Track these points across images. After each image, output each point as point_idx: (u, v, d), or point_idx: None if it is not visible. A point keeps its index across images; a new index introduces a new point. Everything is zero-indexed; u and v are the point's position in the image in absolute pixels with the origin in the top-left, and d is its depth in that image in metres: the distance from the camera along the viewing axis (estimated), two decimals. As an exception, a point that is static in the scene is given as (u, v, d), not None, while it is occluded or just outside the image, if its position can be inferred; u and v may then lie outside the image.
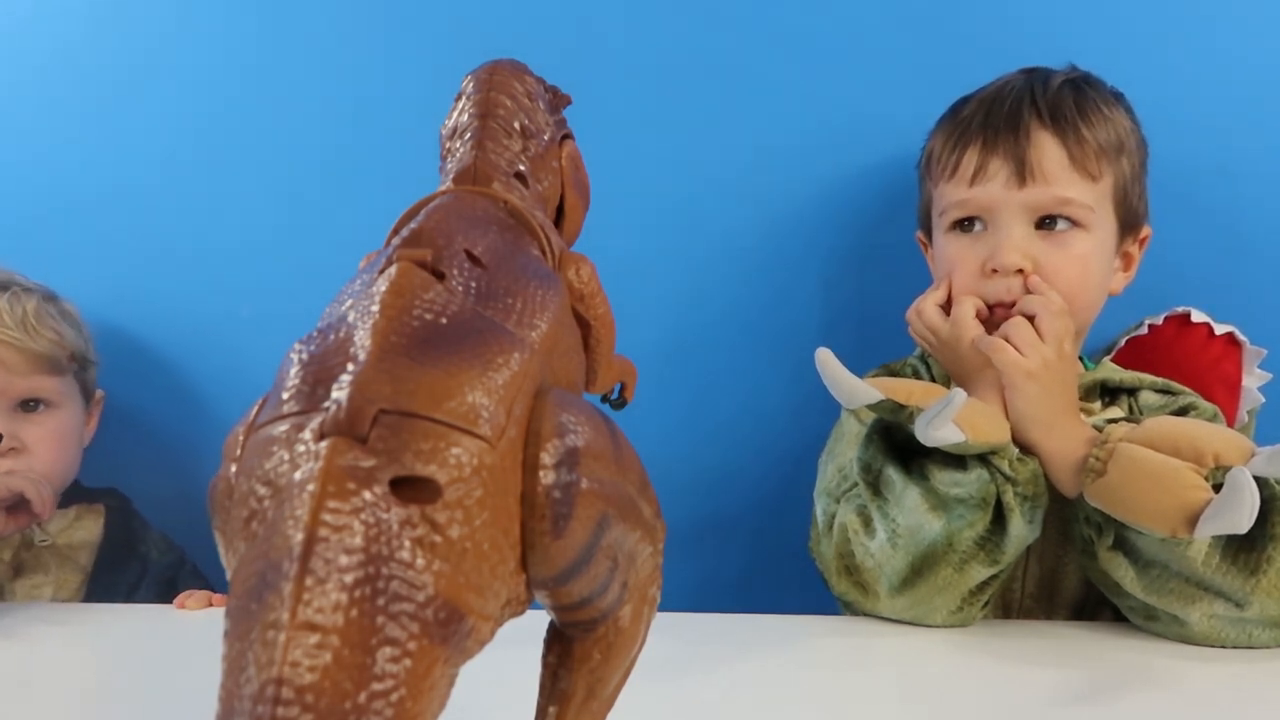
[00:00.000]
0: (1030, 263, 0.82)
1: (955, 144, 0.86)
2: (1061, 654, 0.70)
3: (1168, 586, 0.71)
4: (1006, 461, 0.74)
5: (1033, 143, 0.83)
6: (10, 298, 0.98)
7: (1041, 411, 0.77)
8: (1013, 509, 0.73)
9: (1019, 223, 0.83)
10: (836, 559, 0.81)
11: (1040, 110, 0.84)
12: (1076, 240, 0.83)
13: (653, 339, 1.05)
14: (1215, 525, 0.61)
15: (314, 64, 1.10)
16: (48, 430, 0.98)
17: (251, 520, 0.25)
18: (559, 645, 0.32)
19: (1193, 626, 0.71)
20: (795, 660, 0.70)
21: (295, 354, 0.28)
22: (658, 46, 1.06)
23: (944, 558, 0.74)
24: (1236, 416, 0.91)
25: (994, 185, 0.84)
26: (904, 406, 0.73)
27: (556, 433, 0.28)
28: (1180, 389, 0.85)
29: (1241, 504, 0.59)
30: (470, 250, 0.33)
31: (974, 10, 1.02)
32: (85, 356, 1.03)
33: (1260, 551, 0.68)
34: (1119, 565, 0.73)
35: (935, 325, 0.85)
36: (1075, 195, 0.82)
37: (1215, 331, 0.93)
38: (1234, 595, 0.69)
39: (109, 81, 1.12)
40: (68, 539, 1.01)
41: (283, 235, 1.10)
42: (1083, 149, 0.83)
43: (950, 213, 0.87)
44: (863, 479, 0.79)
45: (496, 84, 0.45)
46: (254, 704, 0.21)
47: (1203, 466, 0.66)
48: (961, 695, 0.62)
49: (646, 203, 1.06)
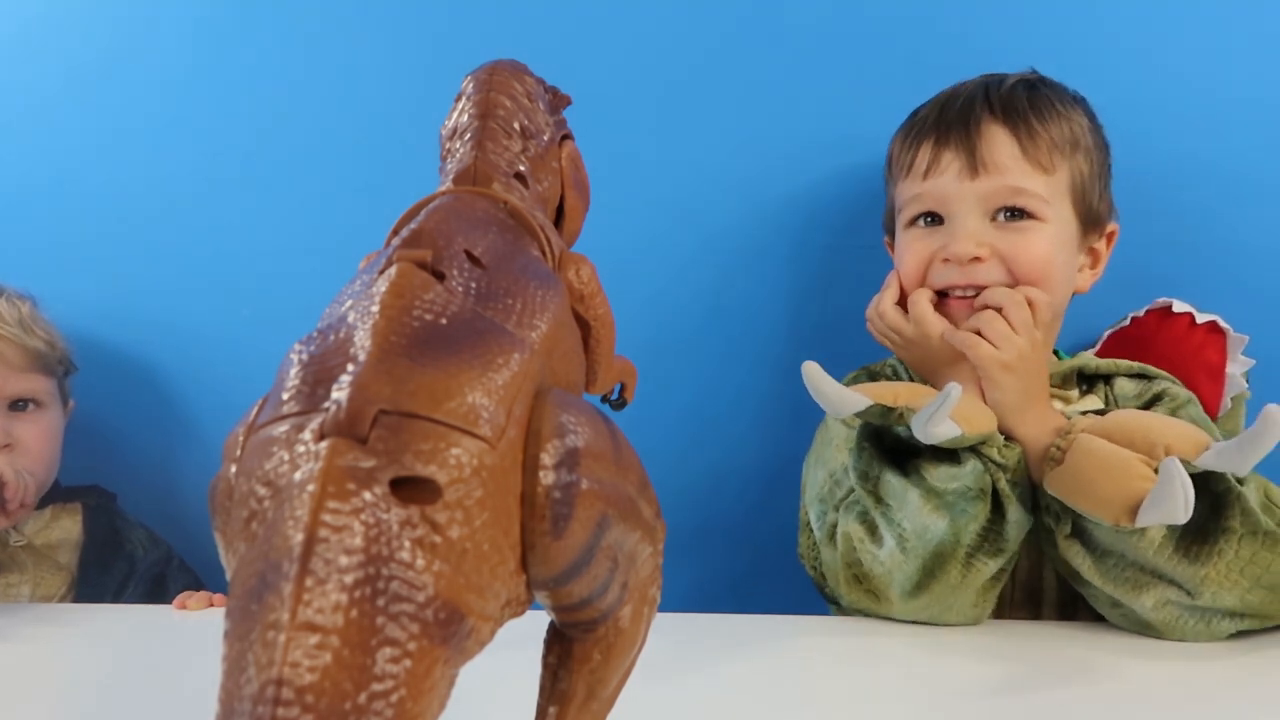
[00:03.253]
0: (987, 250, 0.82)
1: (911, 142, 0.87)
2: (1059, 654, 0.70)
3: (1123, 575, 0.72)
4: (995, 449, 0.74)
5: (984, 135, 0.83)
6: (6, 300, 0.99)
7: (1015, 401, 0.77)
8: (1008, 495, 0.74)
9: (974, 214, 0.83)
10: (844, 569, 0.80)
11: (993, 105, 0.84)
12: (1033, 230, 0.82)
13: (645, 339, 1.05)
14: (1153, 515, 0.63)
15: (314, 64, 1.10)
16: (39, 428, 0.99)
17: (251, 521, 0.25)
18: (559, 646, 0.32)
19: (1149, 613, 0.71)
20: (793, 660, 0.70)
21: (295, 354, 0.28)
22: (658, 47, 1.06)
23: (952, 556, 0.74)
24: (1221, 403, 0.91)
25: (947, 178, 0.84)
26: (893, 409, 0.74)
27: (556, 433, 0.28)
28: (1155, 373, 0.86)
29: (1174, 494, 0.60)
30: (470, 251, 0.33)
31: (960, 17, 1.02)
32: (70, 361, 1.06)
33: (1211, 544, 0.69)
34: (1077, 554, 0.74)
35: (897, 324, 0.85)
36: (1028, 185, 0.82)
37: (1197, 320, 0.93)
38: (1185, 584, 0.70)
39: (110, 83, 1.12)
40: (45, 539, 1.01)
41: (282, 235, 1.10)
42: (1035, 141, 0.82)
43: (907, 209, 0.88)
44: (862, 488, 0.79)
45: (496, 84, 0.45)
46: (254, 704, 0.21)
47: (1154, 459, 0.67)
48: (960, 695, 0.62)
49: (645, 203, 1.06)
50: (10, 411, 0.98)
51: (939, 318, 0.83)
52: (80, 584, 1.01)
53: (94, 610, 0.89)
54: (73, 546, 1.02)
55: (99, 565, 1.02)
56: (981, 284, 0.83)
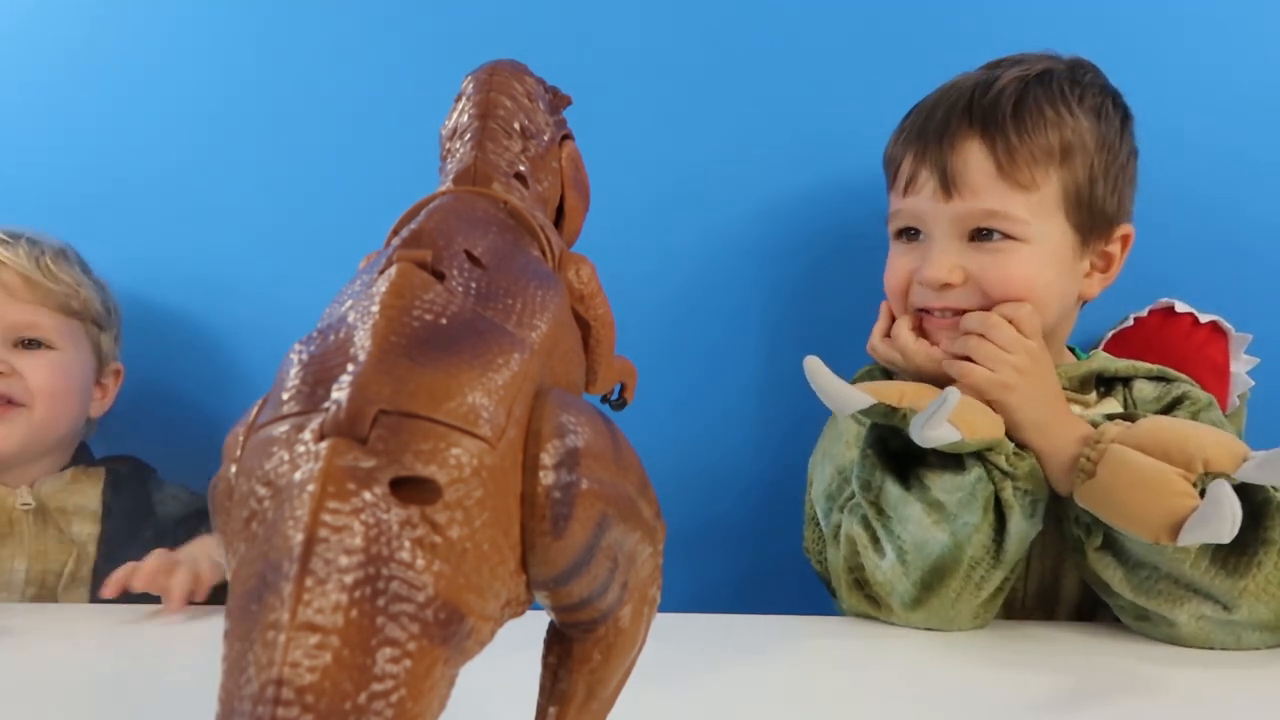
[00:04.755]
0: (960, 275, 0.81)
1: (899, 151, 0.86)
2: (1062, 656, 0.70)
3: (1156, 588, 0.70)
4: (1003, 457, 0.73)
5: (959, 152, 0.81)
6: (30, 244, 0.97)
7: (1029, 416, 0.76)
8: (1011, 505, 0.73)
9: (949, 236, 0.82)
10: (846, 572, 0.80)
11: (972, 117, 0.81)
12: (1011, 252, 0.80)
13: (645, 339, 1.05)
14: (1197, 535, 0.61)
15: (315, 64, 1.10)
16: (46, 363, 0.96)
17: (251, 521, 0.25)
18: (559, 646, 0.32)
19: (1181, 628, 0.70)
20: (794, 661, 0.70)
21: (295, 354, 0.28)
22: (658, 47, 1.06)
23: (952, 569, 0.73)
24: (1228, 402, 0.91)
25: (922, 197, 0.83)
26: (897, 409, 0.73)
27: (556, 433, 0.28)
28: (1175, 376, 0.84)
29: (1222, 518, 0.59)
30: (470, 251, 0.33)
31: (961, 14, 1.02)
32: (100, 315, 1.01)
33: (1250, 555, 0.67)
34: (1108, 566, 0.73)
35: (888, 357, 0.86)
36: (1002, 208, 0.80)
37: (1200, 320, 0.93)
38: (1222, 598, 0.68)
39: (115, 83, 1.12)
40: (59, 502, 0.96)
41: (282, 236, 1.10)
42: (1013, 158, 0.79)
43: (891, 221, 0.87)
44: (864, 497, 0.78)
45: (496, 84, 0.45)
46: (254, 704, 0.21)
47: (1191, 472, 0.65)
48: (961, 696, 0.62)
49: (645, 203, 1.06)
50: (21, 349, 0.95)
51: (921, 344, 0.83)
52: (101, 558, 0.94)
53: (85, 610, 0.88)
54: (89, 518, 0.97)
55: (126, 535, 0.96)
56: (956, 308, 0.82)
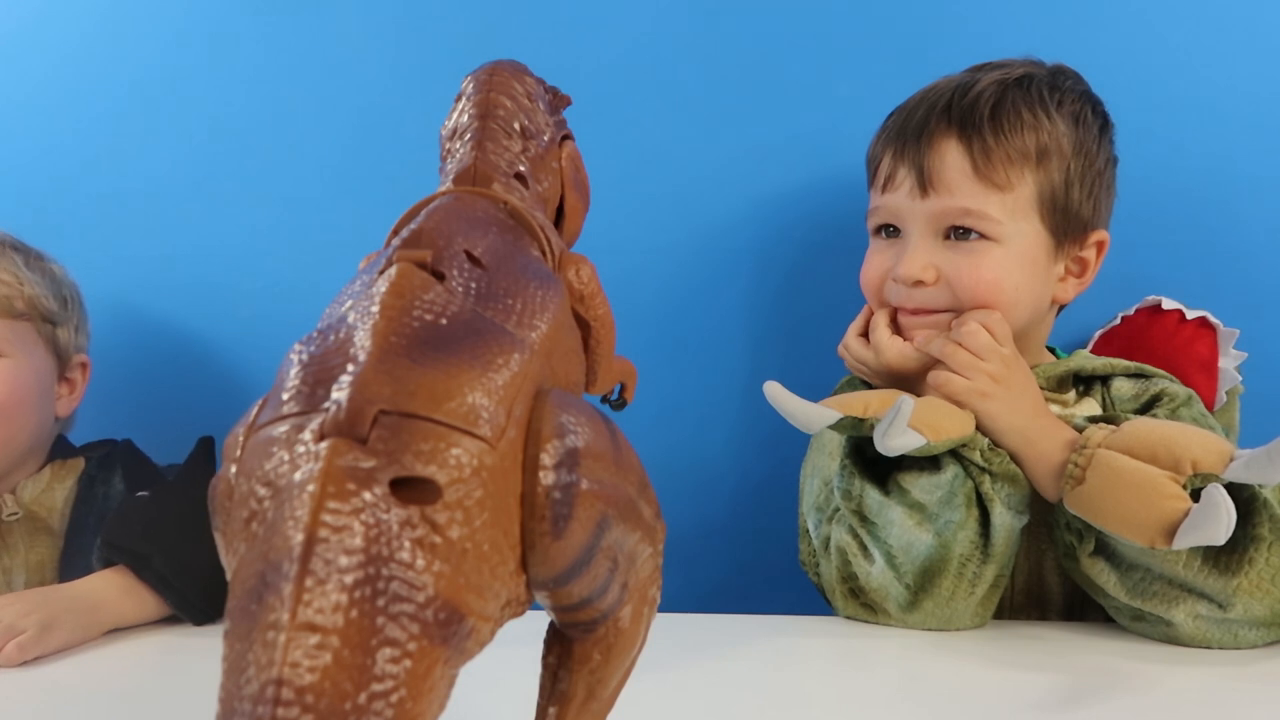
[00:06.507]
0: (933, 273, 0.81)
1: (880, 149, 0.87)
2: (1058, 656, 0.70)
3: (1151, 590, 0.70)
4: (978, 452, 0.74)
5: (936, 151, 0.81)
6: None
7: (1010, 422, 0.76)
8: (992, 499, 0.73)
9: (924, 234, 0.82)
10: (840, 582, 0.80)
11: (951, 117, 0.81)
12: (985, 252, 0.80)
13: (645, 339, 1.05)
14: (1193, 538, 0.62)
15: (315, 65, 1.10)
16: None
17: (251, 521, 0.25)
18: (559, 646, 0.32)
19: (1178, 627, 0.70)
20: (793, 661, 0.70)
21: (295, 355, 0.28)
22: (658, 47, 1.06)
23: (942, 569, 0.74)
24: (1215, 398, 0.91)
25: (900, 194, 0.83)
26: (863, 420, 0.73)
27: (556, 433, 0.28)
28: (1153, 372, 0.84)
29: (1218, 521, 0.60)
30: (470, 251, 0.33)
31: (960, 17, 1.02)
32: (51, 310, 0.93)
33: (1241, 553, 0.67)
34: (1102, 570, 0.73)
35: (861, 355, 0.85)
36: (977, 206, 0.80)
37: (1186, 316, 0.93)
38: (1216, 596, 0.68)
39: (115, 84, 1.12)
40: (42, 503, 0.91)
41: (282, 236, 1.10)
42: (989, 158, 0.79)
43: (870, 218, 0.88)
44: (847, 507, 0.78)
45: (496, 85, 0.45)
46: (254, 704, 0.21)
47: (1180, 474, 0.66)
48: (958, 695, 0.62)
49: (645, 203, 1.06)
50: None
51: (896, 341, 0.83)
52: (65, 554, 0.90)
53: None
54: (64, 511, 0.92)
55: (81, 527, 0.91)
56: (927, 308, 0.82)
